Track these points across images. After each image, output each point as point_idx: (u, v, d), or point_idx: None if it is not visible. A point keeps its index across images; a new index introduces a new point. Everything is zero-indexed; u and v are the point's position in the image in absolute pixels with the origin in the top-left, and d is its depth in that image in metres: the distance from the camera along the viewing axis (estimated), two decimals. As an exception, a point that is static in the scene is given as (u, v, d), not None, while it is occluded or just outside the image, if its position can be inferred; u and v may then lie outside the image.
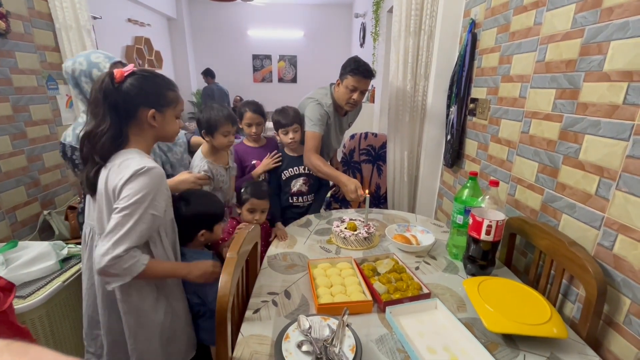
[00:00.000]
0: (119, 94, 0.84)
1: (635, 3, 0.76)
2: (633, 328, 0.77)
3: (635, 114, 0.76)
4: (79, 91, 1.12)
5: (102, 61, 1.11)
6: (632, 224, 0.77)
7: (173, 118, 0.94)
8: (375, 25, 3.60)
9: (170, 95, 0.91)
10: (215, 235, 1.12)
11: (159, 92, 0.90)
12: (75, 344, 1.31)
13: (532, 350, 0.75)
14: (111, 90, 0.84)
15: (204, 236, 1.09)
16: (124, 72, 0.86)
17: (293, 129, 1.54)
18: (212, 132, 1.31)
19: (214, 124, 1.29)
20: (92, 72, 1.09)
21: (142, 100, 0.87)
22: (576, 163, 0.93)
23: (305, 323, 0.75)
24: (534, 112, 1.10)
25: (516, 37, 1.20)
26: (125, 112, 0.86)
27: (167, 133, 0.95)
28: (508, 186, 1.25)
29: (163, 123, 0.91)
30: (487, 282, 0.90)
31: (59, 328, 1.23)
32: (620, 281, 0.80)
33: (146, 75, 0.89)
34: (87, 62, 1.10)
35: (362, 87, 1.54)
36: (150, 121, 0.88)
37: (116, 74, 0.85)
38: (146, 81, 0.87)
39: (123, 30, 4.07)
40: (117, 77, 0.85)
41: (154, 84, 0.89)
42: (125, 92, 0.85)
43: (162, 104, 0.90)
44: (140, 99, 0.86)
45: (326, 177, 1.57)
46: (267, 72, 6.14)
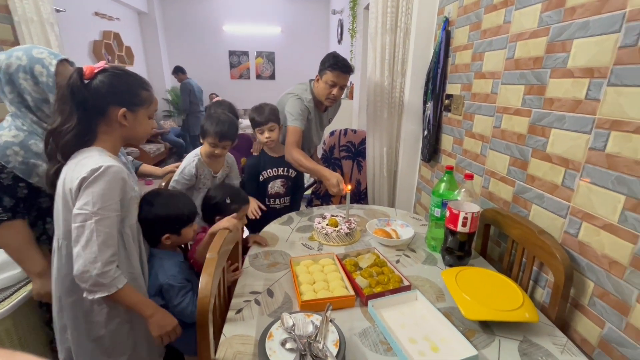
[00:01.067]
0: (88, 91, 0.81)
1: (596, 3, 0.80)
2: (596, 309, 0.82)
3: (596, 109, 0.81)
4: (12, 88, 0.99)
5: (46, 57, 1.00)
6: (595, 212, 0.82)
7: (145, 118, 0.92)
8: (353, 22, 3.62)
9: (143, 94, 0.89)
10: (184, 238, 1.08)
11: (132, 90, 0.87)
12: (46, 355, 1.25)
13: (506, 335, 0.78)
14: (79, 87, 0.81)
15: (170, 239, 1.04)
16: (94, 68, 0.82)
17: (269, 128, 1.51)
18: (202, 137, 1.37)
19: (204, 132, 1.35)
20: (34, 68, 0.98)
21: (112, 98, 0.84)
22: (544, 156, 0.98)
23: (288, 321, 0.75)
24: (505, 107, 1.15)
25: (487, 35, 1.24)
26: (94, 110, 0.84)
27: (138, 133, 0.92)
28: (482, 179, 1.29)
29: (134, 123, 0.89)
30: (464, 272, 0.94)
31: (28, 340, 1.17)
32: (584, 266, 0.85)
33: (118, 73, 0.86)
34: (27, 57, 0.98)
35: (341, 82, 1.55)
36: (120, 120, 0.86)
37: (86, 70, 0.82)
38: (118, 79, 0.85)
39: (90, 25, 3.87)
40: (86, 73, 0.82)
41: (126, 83, 0.86)
42: (95, 90, 0.82)
43: (134, 103, 0.87)
44: (110, 97, 0.84)
45: (308, 172, 1.57)
46: (245, 69, 6.04)
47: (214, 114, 1.38)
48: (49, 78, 1.00)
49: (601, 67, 0.79)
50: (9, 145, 0.97)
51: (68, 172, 0.82)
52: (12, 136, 0.97)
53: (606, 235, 0.79)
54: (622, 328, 0.75)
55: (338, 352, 0.67)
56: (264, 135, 1.52)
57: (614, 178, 0.77)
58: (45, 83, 1.00)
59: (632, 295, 0.73)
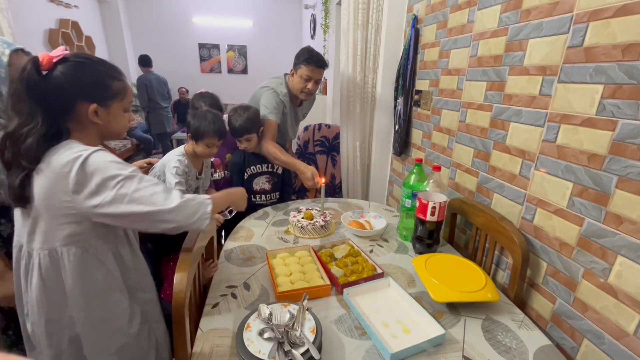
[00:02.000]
0: (47, 85, 0.69)
1: (548, 6, 0.87)
2: (549, 287, 0.90)
3: (548, 104, 0.88)
4: None
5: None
6: (548, 199, 0.89)
7: (121, 112, 0.80)
8: (325, 18, 3.63)
9: (115, 85, 0.77)
10: None
11: (101, 82, 0.75)
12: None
13: (471, 315, 0.84)
14: (36, 81, 0.69)
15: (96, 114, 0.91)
16: (52, 57, 0.70)
17: (245, 139, 1.51)
18: (197, 139, 1.31)
19: (200, 133, 1.29)
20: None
21: (79, 93, 0.72)
22: (504, 148, 1.05)
23: (265, 311, 0.76)
24: (469, 102, 1.21)
25: (453, 34, 1.30)
26: (58, 107, 0.71)
27: (114, 129, 0.81)
28: (449, 171, 1.36)
29: (108, 119, 0.77)
30: (432, 258, 0.99)
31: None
32: (539, 248, 0.93)
33: (82, 61, 0.73)
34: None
35: (316, 76, 1.57)
36: (92, 117, 0.74)
37: (42, 59, 0.69)
38: (83, 69, 0.73)
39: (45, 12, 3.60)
40: (43, 63, 0.69)
41: (94, 73, 0.74)
42: (56, 84, 0.70)
43: (105, 96, 0.75)
44: (76, 91, 0.72)
45: (284, 165, 1.59)
46: (216, 62, 5.87)
47: (201, 114, 1.32)
48: (2, 69, 0.92)
49: (552, 65, 0.86)
50: None
51: (51, 176, 0.68)
52: None
53: (557, 219, 0.86)
54: (570, 302, 0.83)
55: (315, 338, 0.69)
56: (241, 145, 1.54)
57: (563, 167, 0.84)
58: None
59: (578, 272, 0.81)
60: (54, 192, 0.68)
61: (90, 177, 0.68)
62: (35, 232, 0.72)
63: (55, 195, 0.68)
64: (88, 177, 0.68)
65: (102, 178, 0.69)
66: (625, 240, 0.70)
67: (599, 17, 0.74)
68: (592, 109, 0.76)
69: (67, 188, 0.67)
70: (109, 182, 0.69)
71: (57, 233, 0.71)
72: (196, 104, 1.57)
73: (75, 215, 0.70)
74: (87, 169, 0.68)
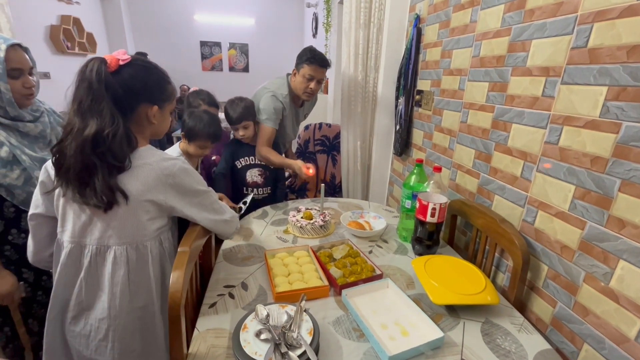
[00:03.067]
0: (119, 86, 0.74)
1: (552, 6, 0.86)
2: (549, 290, 0.89)
3: (551, 105, 0.87)
4: None
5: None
6: (549, 201, 0.88)
7: (169, 113, 0.88)
8: (327, 16, 3.62)
9: (169, 88, 0.85)
10: None
11: (161, 85, 0.82)
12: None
13: (470, 317, 0.83)
14: (112, 83, 0.72)
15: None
16: (118, 59, 0.74)
17: (243, 126, 1.51)
18: (189, 139, 1.31)
19: (194, 134, 1.29)
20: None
21: (145, 95, 0.78)
22: (505, 149, 1.04)
23: (262, 312, 0.75)
24: (471, 103, 1.20)
25: (455, 33, 1.29)
26: (124, 108, 0.75)
27: (163, 130, 0.88)
28: (450, 172, 1.35)
29: (161, 120, 0.85)
30: (432, 260, 0.98)
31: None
32: (540, 251, 0.92)
33: (147, 65, 0.80)
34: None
35: (318, 76, 1.56)
36: (151, 119, 0.81)
37: (110, 61, 0.73)
38: (149, 73, 0.79)
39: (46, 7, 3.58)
40: (111, 65, 0.73)
41: (157, 77, 0.81)
42: (126, 85, 0.75)
43: (162, 99, 0.82)
44: (143, 93, 0.78)
45: (278, 166, 1.62)
46: (217, 60, 5.85)
47: (197, 114, 1.33)
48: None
49: (556, 67, 0.85)
50: None
51: (151, 175, 0.77)
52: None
53: (558, 222, 0.86)
54: (571, 306, 0.83)
55: (312, 340, 0.68)
56: (239, 133, 1.53)
57: (565, 169, 0.83)
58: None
59: (579, 276, 0.80)
60: (154, 191, 0.78)
61: (191, 182, 0.83)
62: (116, 228, 0.78)
63: (155, 193, 0.78)
64: (189, 181, 0.83)
65: (197, 184, 0.85)
66: (627, 244, 0.69)
67: (604, 17, 0.73)
68: (596, 111, 0.75)
69: (168, 187, 0.79)
70: (200, 189, 0.86)
71: (147, 227, 0.80)
72: (193, 102, 1.56)
73: (165, 210, 0.83)
74: (188, 175, 0.83)
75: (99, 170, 0.72)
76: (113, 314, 0.80)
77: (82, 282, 0.80)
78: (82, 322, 0.82)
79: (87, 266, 0.80)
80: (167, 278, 0.85)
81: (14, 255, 1.04)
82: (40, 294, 1.12)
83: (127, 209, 0.77)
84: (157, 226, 0.83)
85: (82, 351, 0.83)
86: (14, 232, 1.03)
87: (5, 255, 1.03)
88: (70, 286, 0.81)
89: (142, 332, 0.84)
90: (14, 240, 1.03)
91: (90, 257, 0.79)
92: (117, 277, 0.80)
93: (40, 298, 1.12)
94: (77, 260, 0.80)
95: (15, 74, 0.96)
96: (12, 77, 0.96)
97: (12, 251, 1.04)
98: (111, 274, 0.79)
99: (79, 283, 0.80)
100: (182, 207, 0.84)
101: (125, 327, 0.82)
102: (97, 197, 0.72)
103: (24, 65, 0.98)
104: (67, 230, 0.80)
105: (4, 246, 1.03)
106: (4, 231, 1.02)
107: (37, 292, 1.12)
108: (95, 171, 0.72)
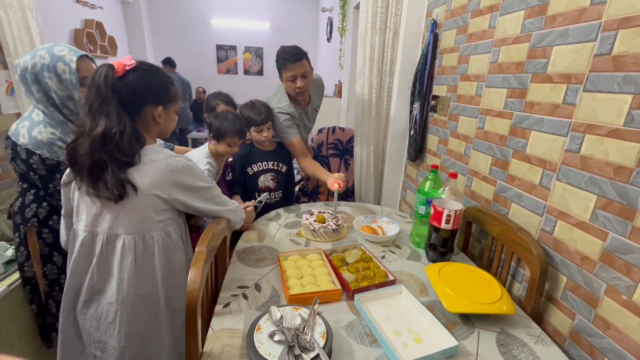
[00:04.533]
0: (125, 89, 0.80)
1: (574, 12, 0.85)
2: (568, 302, 0.87)
3: (572, 113, 0.85)
4: (38, 88, 1.01)
5: (67, 54, 1.01)
6: (569, 211, 0.86)
7: (174, 114, 0.94)
8: (342, 21, 3.63)
9: (172, 90, 0.91)
10: None
11: (165, 87, 0.88)
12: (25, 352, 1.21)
13: (485, 327, 0.82)
14: (119, 86, 0.80)
15: None
16: (125, 65, 0.81)
17: (267, 127, 1.53)
18: (219, 139, 1.36)
19: (222, 133, 1.34)
20: (56, 66, 0.99)
21: (149, 97, 0.85)
22: (523, 157, 1.02)
23: (276, 313, 0.76)
24: (488, 109, 1.19)
25: (473, 39, 1.28)
26: (130, 109, 0.83)
27: (168, 129, 0.94)
28: (465, 178, 1.34)
29: (167, 120, 0.91)
30: (446, 267, 0.97)
31: (6, 334, 1.14)
32: (558, 261, 0.90)
33: (150, 69, 0.86)
34: (50, 55, 1.00)
35: (298, 72, 1.52)
36: (156, 119, 0.87)
37: (117, 67, 0.80)
38: (153, 76, 0.85)
39: (71, 12, 3.73)
40: (118, 70, 0.80)
41: (160, 80, 0.87)
42: (131, 88, 0.81)
43: (167, 100, 0.88)
44: (148, 95, 0.84)
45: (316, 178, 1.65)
46: (232, 64, 5.95)
47: (222, 114, 1.38)
48: (72, 75, 1.02)
49: (578, 74, 0.84)
50: (53, 141, 1.02)
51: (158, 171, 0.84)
52: (50, 133, 1.02)
53: (579, 232, 0.83)
54: (591, 319, 0.80)
55: (325, 344, 0.69)
56: (263, 135, 1.53)
57: (587, 179, 0.81)
58: (68, 80, 1.02)
59: (600, 288, 0.78)
60: (160, 185, 0.84)
61: (193, 178, 0.90)
62: (125, 218, 0.84)
63: (161, 187, 0.84)
64: (192, 177, 0.90)
65: (200, 181, 0.93)
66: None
67: (629, 24, 0.72)
68: (620, 119, 0.73)
69: (173, 183, 0.86)
70: (202, 185, 0.94)
71: (153, 219, 0.87)
72: (212, 103, 1.59)
73: (170, 203, 0.88)
74: (191, 172, 0.90)
75: (108, 166, 0.79)
76: (120, 298, 0.86)
77: (94, 269, 0.87)
78: (93, 305, 0.89)
79: (99, 253, 0.86)
80: (172, 269, 0.93)
81: (50, 239, 1.13)
82: (63, 278, 1.17)
83: (135, 201, 0.83)
84: (163, 218, 0.89)
85: (92, 333, 0.89)
86: (54, 218, 1.12)
87: (43, 237, 1.11)
88: (83, 272, 0.88)
89: (146, 319, 0.90)
90: (53, 226, 1.12)
91: (101, 245, 0.86)
92: (124, 265, 0.86)
93: (62, 281, 1.17)
94: (90, 248, 0.87)
95: (85, 82, 1.05)
96: (83, 85, 1.05)
97: (49, 235, 1.12)
98: (120, 261, 0.86)
99: (91, 269, 0.87)
100: (186, 200, 0.90)
101: (131, 312, 0.87)
102: (108, 189, 0.79)
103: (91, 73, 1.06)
104: (81, 220, 0.87)
105: (43, 229, 1.11)
106: (46, 216, 1.11)
107: (61, 275, 1.17)
108: (105, 166, 0.79)
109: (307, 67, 1.55)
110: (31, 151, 1.01)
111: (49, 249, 1.13)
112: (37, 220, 1.09)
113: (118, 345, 0.88)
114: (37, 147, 1.01)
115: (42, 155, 1.02)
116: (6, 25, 1.66)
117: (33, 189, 1.10)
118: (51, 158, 1.03)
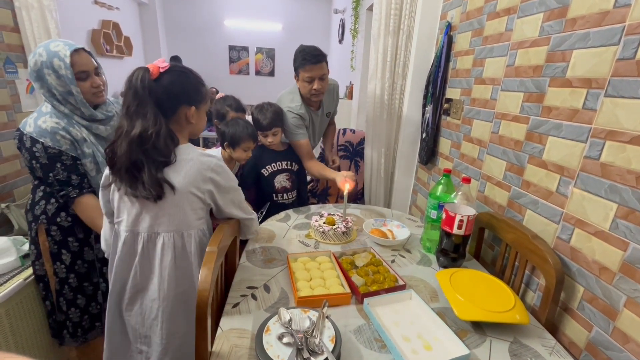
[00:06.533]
0: (160, 90, 0.82)
1: (596, 15, 0.82)
2: (585, 313, 0.84)
3: (592, 118, 0.83)
4: (41, 84, 1.02)
5: (61, 49, 1.01)
6: (587, 219, 0.84)
7: (204, 114, 0.95)
8: (355, 23, 3.63)
9: (203, 90, 0.92)
10: None
11: (197, 88, 0.90)
12: (38, 347, 1.24)
13: (497, 336, 0.80)
14: (154, 88, 0.81)
15: None
16: (159, 67, 0.83)
17: (272, 133, 1.53)
18: (234, 145, 1.38)
19: (237, 140, 1.36)
20: (53, 62, 1.00)
21: (184, 97, 0.86)
22: (540, 162, 1.00)
23: (285, 315, 0.76)
24: (504, 113, 1.16)
25: (489, 42, 1.26)
26: (165, 110, 0.84)
27: (200, 129, 0.96)
28: (478, 183, 1.31)
29: (198, 119, 0.92)
30: (458, 273, 0.95)
31: (20, 329, 1.16)
32: (575, 271, 0.87)
33: (183, 71, 0.88)
34: (46, 52, 1.00)
35: (317, 74, 1.51)
36: (189, 118, 0.89)
37: (152, 70, 0.82)
38: (186, 77, 0.87)
39: (89, 13, 3.82)
40: (153, 73, 0.82)
41: (193, 80, 0.89)
42: (167, 89, 0.83)
43: (199, 100, 0.90)
44: (182, 96, 0.86)
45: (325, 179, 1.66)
46: (244, 64, 6.00)
47: (232, 122, 1.40)
48: (67, 70, 1.03)
49: (599, 78, 0.81)
50: (57, 130, 1.04)
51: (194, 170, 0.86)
52: (54, 122, 1.04)
53: (597, 241, 0.81)
54: (609, 332, 0.78)
55: (334, 348, 0.68)
56: (267, 140, 1.55)
57: (607, 186, 0.79)
58: (64, 76, 1.03)
59: (620, 300, 0.75)
60: (196, 182, 0.87)
61: (226, 178, 0.93)
62: (164, 217, 0.87)
63: (196, 184, 0.87)
64: (224, 177, 0.93)
65: (232, 181, 0.96)
66: (676, 269, 0.64)
67: (656, 28, 0.69)
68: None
69: (207, 180, 0.88)
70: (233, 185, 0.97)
71: (190, 217, 0.90)
72: (221, 110, 1.58)
73: (205, 201, 0.91)
74: (224, 171, 0.93)
75: (145, 166, 0.80)
76: (162, 295, 0.90)
77: (137, 267, 0.90)
78: (138, 302, 0.93)
79: (141, 252, 0.90)
80: None
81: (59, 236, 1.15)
82: (72, 277, 1.19)
83: (173, 200, 0.85)
84: (198, 216, 0.93)
85: (138, 329, 0.93)
86: (62, 215, 1.15)
87: (51, 234, 1.14)
88: (127, 271, 0.91)
89: (186, 316, 0.92)
90: (61, 223, 1.15)
91: (143, 243, 0.89)
92: (165, 262, 0.90)
93: (71, 281, 1.20)
94: (132, 247, 0.90)
95: (82, 76, 1.06)
96: (80, 80, 1.06)
97: (58, 232, 1.15)
98: (160, 259, 0.89)
99: (134, 267, 0.90)
100: (218, 198, 0.94)
101: (172, 309, 0.91)
102: (145, 189, 0.81)
103: (89, 67, 1.08)
104: (122, 220, 0.90)
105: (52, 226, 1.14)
106: (55, 213, 1.13)
107: (70, 274, 1.19)
108: (142, 167, 0.81)
109: (325, 69, 1.54)
110: (35, 139, 1.02)
111: (57, 247, 1.15)
112: (46, 217, 1.12)
113: (160, 341, 0.92)
114: (41, 135, 1.03)
115: (44, 143, 1.03)
116: (28, 26, 1.71)
117: (42, 185, 1.12)
118: (53, 147, 1.03)
